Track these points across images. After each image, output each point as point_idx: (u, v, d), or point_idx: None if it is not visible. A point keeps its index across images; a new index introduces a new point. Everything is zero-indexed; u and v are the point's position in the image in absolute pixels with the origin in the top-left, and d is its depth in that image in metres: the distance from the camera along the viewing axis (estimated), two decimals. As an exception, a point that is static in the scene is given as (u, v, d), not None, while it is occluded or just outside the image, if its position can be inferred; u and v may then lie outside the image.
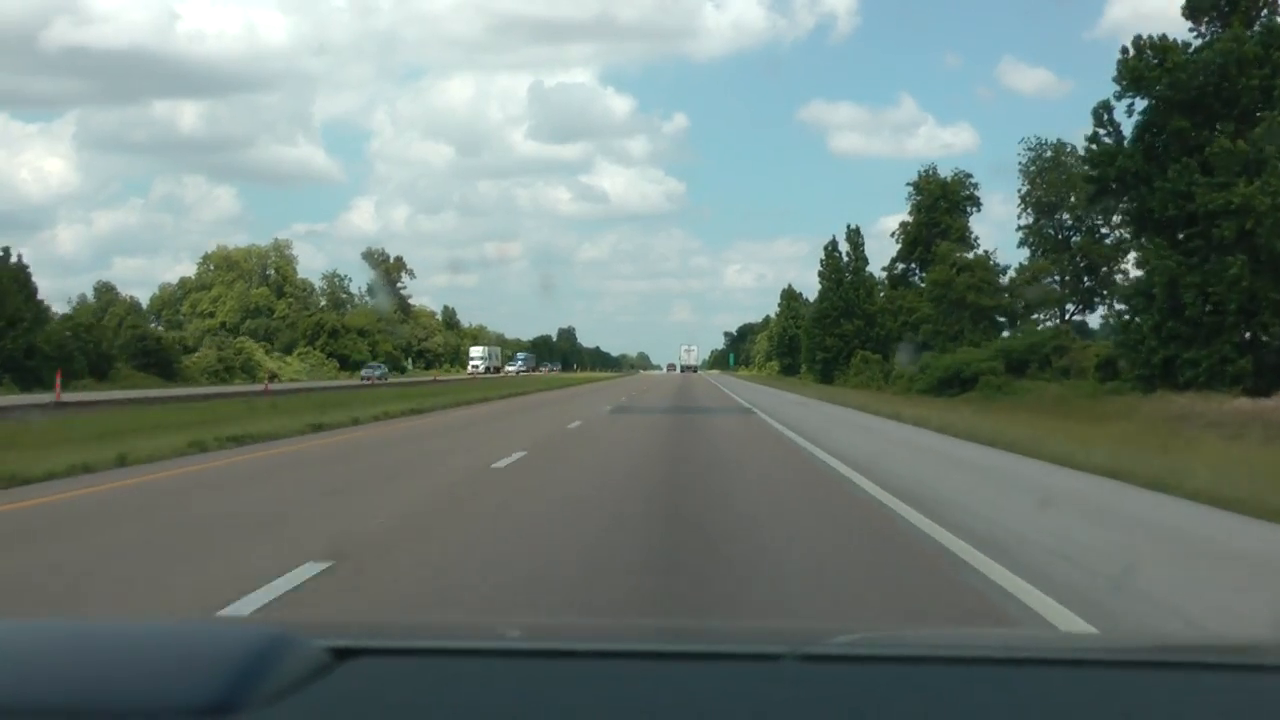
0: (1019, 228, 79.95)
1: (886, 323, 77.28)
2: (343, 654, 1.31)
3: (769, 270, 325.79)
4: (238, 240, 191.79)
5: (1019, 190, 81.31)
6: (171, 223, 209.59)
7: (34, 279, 61.46)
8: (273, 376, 68.91)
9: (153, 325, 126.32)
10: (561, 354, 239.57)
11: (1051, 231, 79.69)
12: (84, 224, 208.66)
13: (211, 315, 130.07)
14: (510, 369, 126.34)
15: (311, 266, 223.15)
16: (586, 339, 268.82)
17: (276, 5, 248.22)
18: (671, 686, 1.29)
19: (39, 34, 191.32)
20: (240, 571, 7.06)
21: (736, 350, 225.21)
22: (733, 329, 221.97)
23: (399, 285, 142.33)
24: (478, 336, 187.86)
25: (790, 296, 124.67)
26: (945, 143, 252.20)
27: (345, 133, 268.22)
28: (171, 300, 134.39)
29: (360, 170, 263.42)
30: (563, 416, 29.15)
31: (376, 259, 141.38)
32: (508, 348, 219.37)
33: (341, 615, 5.84)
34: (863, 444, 20.58)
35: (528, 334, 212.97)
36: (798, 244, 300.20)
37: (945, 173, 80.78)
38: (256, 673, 1.20)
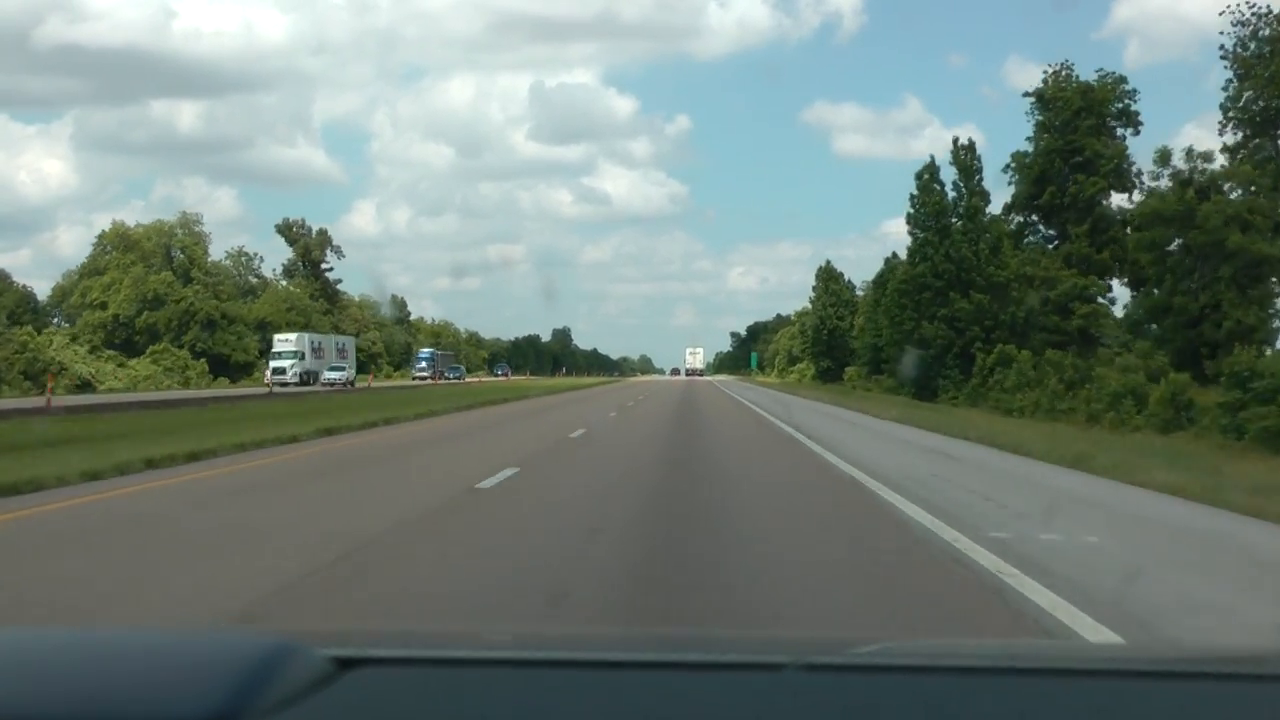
0: (1224, 148, 48.90)
1: (1025, 298, 46.38)
2: (346, 663, 1.30)
3: (772, 273, 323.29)
4: (238, 242, 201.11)
5: (1224, 88, 49.96)
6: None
7: None
8: None
9: (53, 321, 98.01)
10: (552, 356, 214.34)
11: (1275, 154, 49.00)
12: (84, 226, 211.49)
13: (104, 306, 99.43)
14: (334, 375, 70.63)
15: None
16: (591, 342, 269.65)
17: (274, 3, 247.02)
18: (674, 696, 1.29)
19: (33, 32, 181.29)
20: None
21: (748, 352, 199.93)
22: (731, 332, 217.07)
23: (323, 265, 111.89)
24: (439, 335, 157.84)
25: (828, 277, 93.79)
26: (950, 144, 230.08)
27: (345, 134, 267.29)
28: (73, 289, 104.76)
29: (361, 172, 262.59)
30: None
31: (294, 232, 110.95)
32: (484, 348, 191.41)
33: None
34: None
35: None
36: (801, 247, 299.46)
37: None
38: (259, 682, 1.20)
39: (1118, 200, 55.29)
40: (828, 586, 6.86)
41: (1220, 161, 40.51)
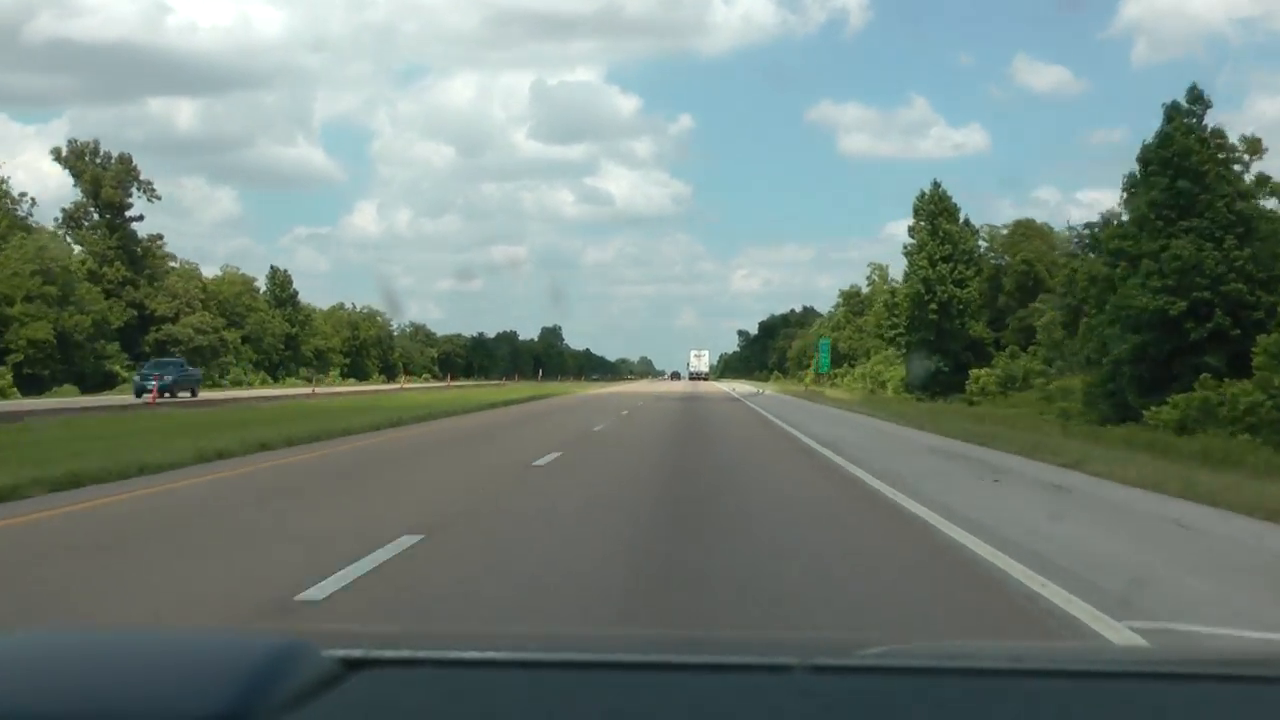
0: None
1: None
2: (354, 664, 1.30)
3: (776, 275, 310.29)
4: (240, 244, 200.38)
5: None
6: (172, 225, 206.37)
7: None
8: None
9: None
10: (533, 357, 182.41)
11: None
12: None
13: None
14: None
15: (314, 270, 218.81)
16: (596, 346, 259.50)
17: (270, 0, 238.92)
18: (682, 697, 1.29)
19: (25, 28, 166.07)
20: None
21: (763, 350, 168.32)
22: (739, 330, 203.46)
23: (126, 212, 72.04)
24: (358, 326, 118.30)
25: (936, 210, 53.84)
26: (956, 143, 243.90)
27: (345, 133, 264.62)
28: None
29: (361, 172, 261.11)
30: None
31: (81, 161, 71.13)
32: (435, 346, 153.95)
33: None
34: None
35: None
36: (805, 249, 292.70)
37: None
38: (267, 683, 1.20)
39: None
40: None
41: None
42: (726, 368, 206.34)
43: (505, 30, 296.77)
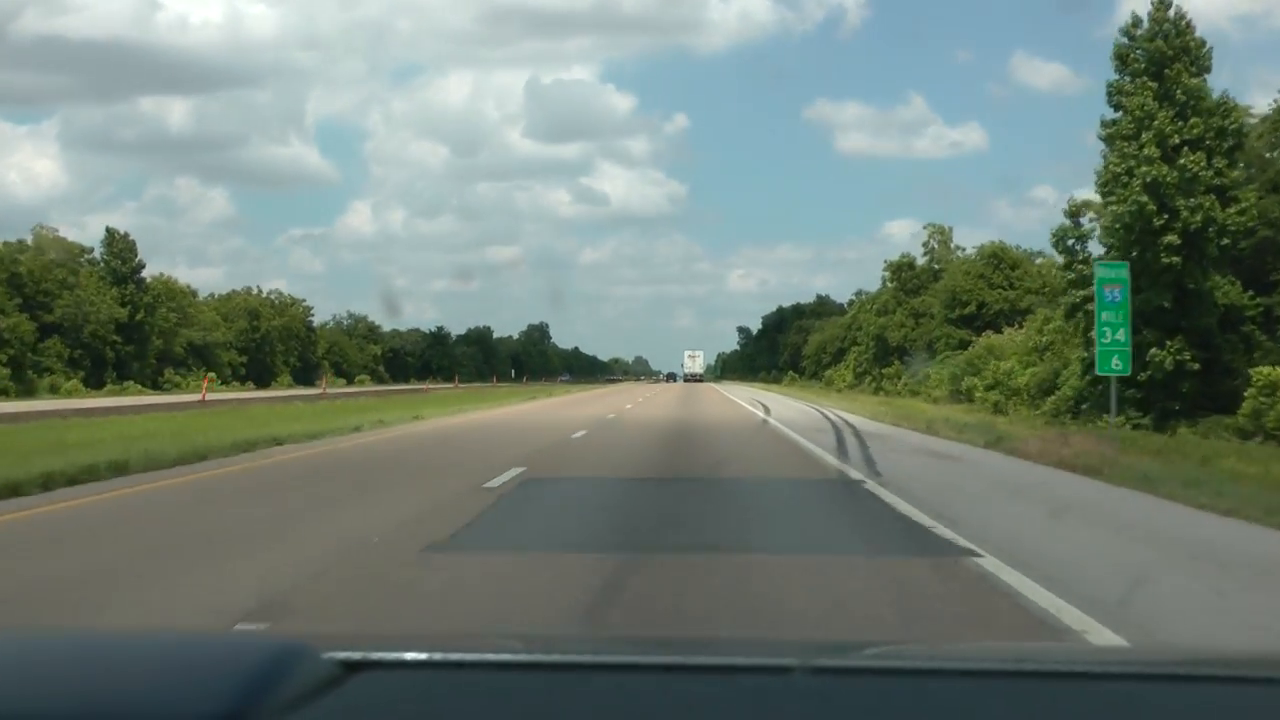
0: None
1: None
2: (353, 667, 1.31)
3: (772, 275, 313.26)
4: (234, 245, 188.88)
5: None
6: (166, 226, 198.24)
7: None
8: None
9: None
10: (511, 356, 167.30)
11: None
12: (77, 228, 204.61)
13: None
14: None
15: (310, 271, 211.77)
16: (590, 345, 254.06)
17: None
18: (682, 700, 1.30)
19: (12, 25, 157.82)
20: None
21: (772, 345, 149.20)
22: (739, 327, 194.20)
23: None
24: (259, 314, 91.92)
25: (1162, 51, 27.33)
26: (954, 141, 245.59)
27: (338, 132, 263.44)
28: None
29: (355, 172, 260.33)
30: None
31: None
32: (380, 343, 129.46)
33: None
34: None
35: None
36: (802, 249, 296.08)
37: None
38: (266, 685, 1.21)
39: None
40: None
41: None
42: (725, 368, 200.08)
43: (500, 28, 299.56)
